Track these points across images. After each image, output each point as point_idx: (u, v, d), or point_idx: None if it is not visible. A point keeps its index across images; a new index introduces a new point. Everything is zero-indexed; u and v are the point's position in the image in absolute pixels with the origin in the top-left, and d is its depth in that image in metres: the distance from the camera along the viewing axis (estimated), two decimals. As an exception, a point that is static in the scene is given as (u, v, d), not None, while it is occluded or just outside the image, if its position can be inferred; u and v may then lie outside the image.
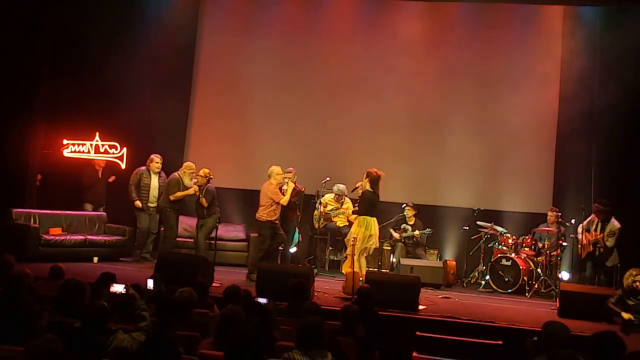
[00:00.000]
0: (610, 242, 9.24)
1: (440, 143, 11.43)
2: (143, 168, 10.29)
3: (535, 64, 11.18)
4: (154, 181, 10.28)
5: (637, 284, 7.47)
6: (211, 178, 9.75)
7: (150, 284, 5.92)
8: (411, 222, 10.58)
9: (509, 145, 11.27)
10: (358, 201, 9.12)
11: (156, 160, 10.27)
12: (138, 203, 10.17)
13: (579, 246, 9.59)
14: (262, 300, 5.45)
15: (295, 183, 9.73)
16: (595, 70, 10.36)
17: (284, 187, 9.61)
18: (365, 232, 8.84)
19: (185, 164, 10.14)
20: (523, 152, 11.23)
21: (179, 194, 9.74)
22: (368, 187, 8.99)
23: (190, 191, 9.71)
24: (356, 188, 9.26)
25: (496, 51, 11.41)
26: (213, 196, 9.72)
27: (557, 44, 11.15)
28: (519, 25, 11.34)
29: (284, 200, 9.43)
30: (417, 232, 10.44)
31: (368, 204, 8.98)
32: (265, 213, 9.38)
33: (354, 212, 9.41)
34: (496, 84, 11.35)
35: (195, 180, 9.79)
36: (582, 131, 10.57)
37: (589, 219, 9.55)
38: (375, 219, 8.98)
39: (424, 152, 11.52)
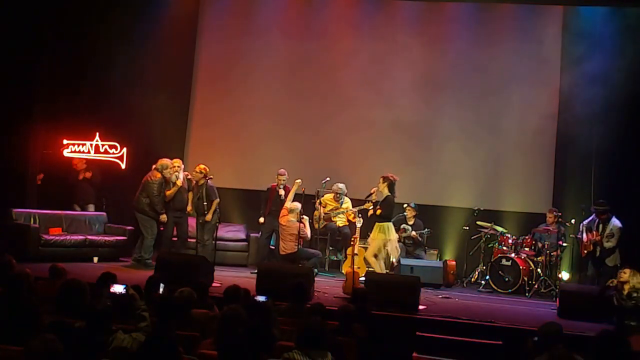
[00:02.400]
0: (609, 244, 9.24)
1: (441, 143, 11.44)
2: (158, 176, 9.60)
3: (535, 65, 11.19)
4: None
5: (621, 273, 7.57)
6: (209, 176, 9.78)
7: (161, 288, 5.90)
8: (411, 222, 10.57)
9: (509, 146, 11.28)
10: (380, 207, 9.07)
11: (171, 167, 9.70)
12: (164, 217, 9.63)
13: (581, 245, 9.61)
14: (261, 298, 5.44)
15: (285, 185, 10.06)
16: (595, 71, 10.34)
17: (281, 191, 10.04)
18: (385, 237, 8.98)
19: (172, 160, 9.94)
20: (523, 152, 11.24)
21: (168, 192, 9.72)
22: (387, 191, 9.08)
23: (175, 188, 9.69)
24: (371, 194, 9.33)
25: (496, 52, 11.38)
26: (212, 192, 9.80)
27: (557, 44, 11.14)
28: (519, 26, 11.35)
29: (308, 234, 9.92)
30: (414, 233, 10.43)
31: (392, 210, 9.13)
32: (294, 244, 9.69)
33: (377, 220, 9.13)
34: (496, 85, 11.34)
35: (188, 175, 9.87)
36: (582, 131, 10.56)
37: (590, 217, 9.57)
38: (391, 223, 9.22)
39: (424, 152, 11.52)
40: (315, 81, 11.82)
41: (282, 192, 10.02)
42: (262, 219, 10.17)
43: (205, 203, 9.76)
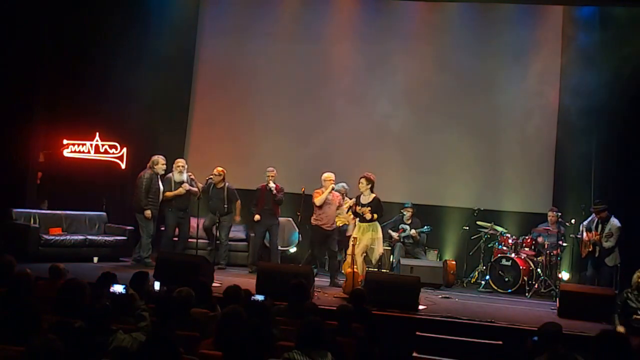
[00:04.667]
0: (608, 243, 9.25)
1: (441, 143, 11.44)
2: (149, 171, 9.75)
3: (535, 64, 11.19)
4: (161, 184, 9.84)
5: None
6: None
7: (157, 285, 5.90)
8: (409, 222, 10.56)
9: (509, 146, 11.28)
10: (375, 210, 9.00)
11: (162, 162, 9.81)
12: (149, 213, 9.61)
13: (581, 245, 9.61)
14: (259, 297, 5.43)
15: (275, 183, 10.01)
16: (596, 70, 10.36)
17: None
18: (376, 236, 9.01)
19: (175, 160, 10.07)
20: (523, 152, 11.25)
21: (169, 194, 9.75)
22: (370, 192, 9.04)
23: (180, 191, 9.74)
24: (359, 196, 9.27)
25: (496, 51, 11.40)
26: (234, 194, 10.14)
27: (556, 44, 11.16)
28: (519, 25, 11.35)
29: (318, 199, 9.48)
30: (413, 231, 10.42)
31: (382, 209, 9.15)
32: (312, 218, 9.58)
33: (370, 221, 9.05)
34: (496, 84, 11.35)
35: (191, 175, 9.99)
36: (582, 131, 10.57)
37: (590, 217, 9.58)
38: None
39: (424, 152, 11.51)
40: (315, 82, 11.81)
41: (272, 185, 9.99)
42: (257, 216, 10.13)
43: (225, 205, 9.99)
